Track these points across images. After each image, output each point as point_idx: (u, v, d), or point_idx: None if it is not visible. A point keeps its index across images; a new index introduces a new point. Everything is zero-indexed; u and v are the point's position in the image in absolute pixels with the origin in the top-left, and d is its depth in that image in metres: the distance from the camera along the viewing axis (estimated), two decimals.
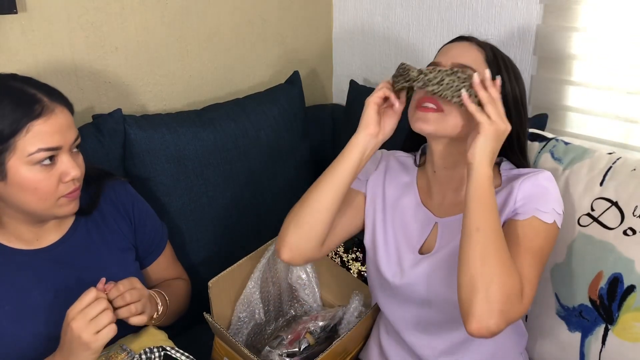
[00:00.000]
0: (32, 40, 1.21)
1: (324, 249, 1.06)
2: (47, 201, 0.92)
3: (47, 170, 0.91)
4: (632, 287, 1.02)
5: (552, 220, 0.94)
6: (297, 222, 1.02)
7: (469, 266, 0.86)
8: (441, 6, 1.54)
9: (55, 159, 0.91)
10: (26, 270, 0.97)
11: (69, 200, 0.94)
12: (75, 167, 0.93)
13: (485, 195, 0.89)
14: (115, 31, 1.32)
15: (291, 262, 1.04)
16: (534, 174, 0.97)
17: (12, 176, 0.89)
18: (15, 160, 0.88)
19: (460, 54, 0.99)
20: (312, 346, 1.15)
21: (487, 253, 0.85)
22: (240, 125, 1.41)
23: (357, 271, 1.42)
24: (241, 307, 1.18)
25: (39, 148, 0.88)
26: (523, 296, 0.86)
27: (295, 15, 1.70)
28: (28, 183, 0.89)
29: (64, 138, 0.91)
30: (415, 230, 1.06)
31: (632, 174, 1.06)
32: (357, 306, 1.19)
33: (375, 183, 1.12)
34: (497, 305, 0.83)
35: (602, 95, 1.35)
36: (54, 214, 0.95)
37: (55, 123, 0.90)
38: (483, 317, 0.83)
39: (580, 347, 1.08)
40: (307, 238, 1.02)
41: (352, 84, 1.64)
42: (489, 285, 0.83)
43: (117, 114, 1.27)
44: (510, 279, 0.84)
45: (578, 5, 1.32)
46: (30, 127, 0.88)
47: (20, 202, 0.92)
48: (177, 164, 1.31)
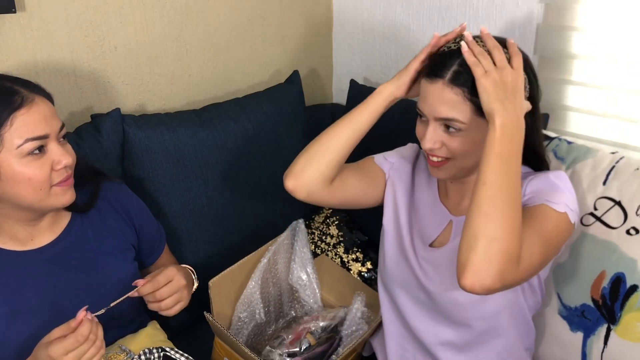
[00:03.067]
0: (30, 40, 1.20)
1: (329, 191, 1.06)
2: (41, 191, 0.91)
3: (38, 159, 0.90)
4: (635, 287, 1.01)
5: (564, 210, 0.91)
6: (308, 154, 1.05)
7: (472, 220, 0.83)
8: (442, 5, 1.54)
9: (45, 149, 0.91)
10: (21, 272, 0.96)
11: (63, 189, 0.94)
12: (65, 154, 0.92)
13: (496, 147, 0.84)
14: (114, 30, 1.32)
15: (294, 190, 1.05)
16: (545, 173, 0.97)
17: (3, 170, 0.88)
18: (4, 154, 0.88)
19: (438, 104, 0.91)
20: (313, 346, 1.14)
21: (491, 209, 0.82)
22: (240, 125, 1.40)
23: (357, 272, 1.42)
24: (241, 307, 1.18)
25: (26, 139, 0.88)
26: (520, 264, 0.83)
27: (295, 15, 1.69)
28: (21, 175, 0.89)
29: (49, 126, 0.91)
30: (430, 225, 1.06)
31: (636, 174, 1.06)
32: (359, 307, 1.19)
33: (401, 170, 1.12)
34: (496, 264, 0.80)
35: (603, 94, 1.34)
36: (51, 205, 0.94)
37: (38, 112, 0.90)
38: (479, 273, 0.80)
39: (582, 347, 1.08)
40: (314, 171, 1.03)
41: (352, 84, 1.64)
42: (490, 242, 0.81)
43: (115, 114, 1.26)
44: (513, 240, 0.81)
45: (579, 5, 1.31)
46: (14, 119, 0.87)
47: (15, 196, 0.91)
48: (176, 163, 1.30)
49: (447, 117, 0.91)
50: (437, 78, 0.91)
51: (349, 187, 1.09)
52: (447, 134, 0.93)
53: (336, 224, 1.50)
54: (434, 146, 0.94)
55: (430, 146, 0.94)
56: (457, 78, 0.90)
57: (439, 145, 0.94)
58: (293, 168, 1.05)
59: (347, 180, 1.08)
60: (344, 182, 1.07)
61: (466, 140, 0.92)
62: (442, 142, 0.94)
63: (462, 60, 0.90)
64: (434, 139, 0.93)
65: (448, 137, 0.93)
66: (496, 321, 1.01)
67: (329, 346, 1.16)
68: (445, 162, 0.96)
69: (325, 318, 1.19)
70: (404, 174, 1.12)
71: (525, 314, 1.04)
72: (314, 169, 1.03)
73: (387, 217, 1.12)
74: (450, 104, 0.90)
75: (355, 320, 1.18)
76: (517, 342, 1.05)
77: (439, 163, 0.96)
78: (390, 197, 1.12)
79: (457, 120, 0.90)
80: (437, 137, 0.93)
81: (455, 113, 0.90)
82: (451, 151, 0.94)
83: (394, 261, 1.10)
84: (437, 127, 0.93)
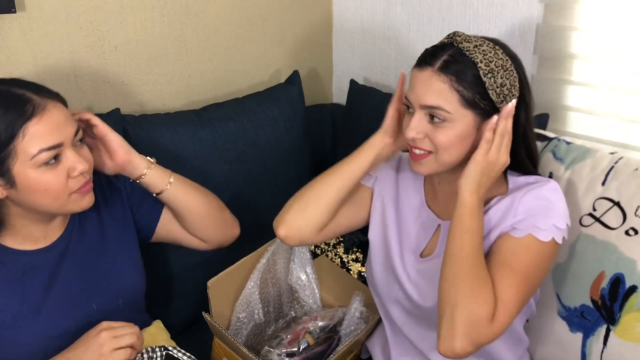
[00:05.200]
0: (30, 40, 1.20)
1: (321, 235, 1.07)
2: (59, 199, 0.91)
3: (54, 169, 0.89)
4: (634, 288, 1.01)
5: (550, 237, 0.92)
6: (300, 204, 1.04)
7: (440, 288, 0.89)
8: (442, 5, 1.53)
9: (60, 157, 0.90)
10: (34, 272, 0.97)
11: (82, 194, 0.94)
12: (81, 161, 0.91)
13: (466, 222, 0.90)
14: (114, 30, 1.32)
15: (285, 239, 1.05)
16: (539, 186, 0.96)
17: (20, 181, 0.88)
18: (20, 165, 0.87)
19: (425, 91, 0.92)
20: (312, 346, 1.15)
21: (456, 278, 0.87)
22: (240, 125, 1.40)
23: (357, 272, 1.42)
24: (240, 307, 1.18)
25: (40, 149, 0.87)
26: (494, 320, 0.85)
27: (295, 15, 1.69)
28: (37, 185, 0.88)
29: (63, 134, 0.89)
30: (418, 233, 1.05)
31: (635, 174, 1.06)
32: (358, 307, 1.19)
33: (386, 179, 1.12)
34: (460, 329, 0.84)
35: (602, 94, 1.34)
36: (70, 210, 0.95)
37: (50, 120, 0.88)
38: (448, 339, 0.85)
39: (582, 348, 1.08)
40: (307, 221, 1.03)
41: (352, 84, 1.64)
42: (454, 309, 0.86)
43: (115, 114, 1.26)
44: (477, 304, 0.85)
45: (578, 5, 1.31)
46: (26, 129, 0.86)
47: (33, 204, 0.91)
48: (176, 163, 1.29)
49: (432, 105, 0.91)
50: (426, 66, 0.92)
51: (342, 222, 1.09)
52: (432, 124, 0.93)
53: None
54: (417, 136, 0.94)
55: (414, 135, 0.94)
56: (446, 67, 0.90)
57: (422, 136, 0.94)
58: (285, 217, 1.04)
59: (339, 218, 1.08)
60: (336, 220, 1.07)
61: (450, 133, 0.92)
62: (425, 133, 0.94)
63: (453, 51, 0.91)
64: (417, 129, 0.93)
65: (432, 129, 0.93)
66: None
67: (328, 346, 1.16)
68: (426, 156, 0.95)
69: (323, 318, 1.19)
70: (389, 183, 1.11)
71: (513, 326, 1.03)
72: (306, 219, 1.04)
73: (373, 232, 1.11)
74: (437, 92, 0.91)
75: (354, 320, 1.18)
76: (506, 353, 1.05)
77: (420, 156, 0.96)
78: (378, 210, 1.11)
79: (442, 109, 0.91)
80: (422, 127, 0.93)
81: (441, 101, 0.91)
82: (434, 143, 0.93)
83: (382, 276, 1.09)
84: (422, 117, 0.94)
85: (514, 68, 0.93)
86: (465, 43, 0.91)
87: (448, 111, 0.91)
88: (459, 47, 0.91)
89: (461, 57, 0.90)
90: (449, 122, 0.91)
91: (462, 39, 0.92)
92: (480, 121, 0.93)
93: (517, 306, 0.89)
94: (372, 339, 1.20)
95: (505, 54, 0.92)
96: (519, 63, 0.95)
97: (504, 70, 0.91)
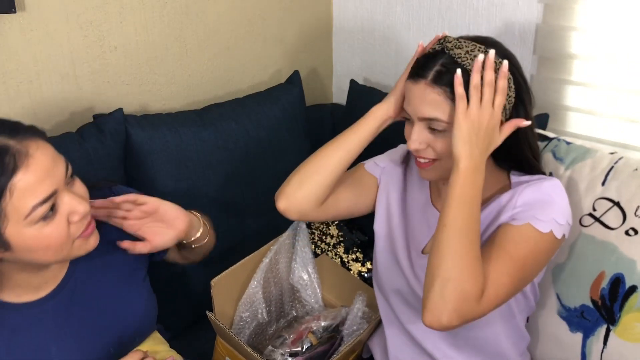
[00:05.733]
0: (31, 40, 1.20)
1: (321, 211, 1.06)
2: (63, 250, 0.81)
3: (51, 221, 0.77)
4: (634, 288, 1.02)
5: (548, 229, 0.92)
6: (300, 176, 1.04)
7: (430, 260, 0.87)
8: (441, 5, 1.54)
9: (56, 205, 0.78)
10: (40, 325, 0.88)
11: (86, 239, 0.83)
12: (80, 202, 0.80)
13: (458, 190, 0.87)
14: (114, 30, 1.32)
15: (285, 211, 1.04)
16: (540, 181, 0.96)
17: (16, 243, 0.76)
18: (12, 227, 0.75)
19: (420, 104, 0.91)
20: (315, 346, 1.15)
21: (448, 250, 0.85)
22: (241, 125, 1.40)
23: (357, 272, 1.42)
24: (243, 307, 1.18)
25: (33, 206, 0.74)
26: (482, 298, 0.85)
27: (295, 15, 1.69)
28: (37, 243, 0.77)
29: (55, 179, 0.77)
30: (422, 230, 1.06)
31: (634, 174, 1.06)
32: (360, 307, 1.19)
33: (393, 172, 1.12)
34: (451, 304, 0.83)
35: (602, 94, 1.35)
36: (75, 256, 0.85)
37: (38, 168, 0.75)
38: (435, 312, 0.84)
39: (582, 348, 1.08)
40: (306, 192, 1.03)
41: (352, 84, 1.64)
42: (445, 282, 0.84)
43: (118, 114, 1.26)
44: (469, 279, 0.84)
45: (578, 5, 1.31)
46: (12, 187, 0.73)
47: (35, 261, 0.81)
48: (178, 164, 1.30)
49: (429, 117, 0.91)
50: (419, 79, 0.92)
51: (342, 202, 1.09)
52: (432, 134, 0.93)
53: (336, 224, 1.50)
54: (420, 147, 0.94)
55: (416, 147, 0.94)
56: (439, 78, 0.90)
57: (424, 146, 0.94)
58: (285, 189, 1.04)
59: (340, 195, 1.08)
60: (336, 197, 1.07)
61: (450, 141, 0.91)
62: (427, 142, 0.94)
63: (444, 60, 0.91)
64: (419, 140, 0.94)
65: (433, 138, 0.93)
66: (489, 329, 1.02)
67: (331, 346, 1.16)
68: (431, 163, 0.96)
69: (326, 318, 1.19)
70: (396, 176, 1.12)
71: (516, 321, 1.05)
72: (306, 191, 1.03)
73: (379, 223, 1.11)
74: (432, 103, 0.91)
75: (357, 320, 1.19)
76: (510, 347, 1.06)
77: (425, 164, 0.97)
78: (383, 202, 1.11)
79: (440, 120, 0.91)
80: (422, 137, 0.94)
81: (438, 113, 0.90)
82: (436, 152, 0.94)
83: (386, 267, 1.09)
84: (422, 128, 0.94)
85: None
86: (457, 50, 0.90)
87: (446, 121, 0.91)
88: (450, 54, 0.90)
89: (453, 65, 0.90)
90: (448, 130, 0.91)
91: (452, 45, 0.91)
92: None
93: (507, 291, 0.89)
94: (374, 339, 1.20)
95: (498, 56, 0.91)
96: (512, 62, 0.93)
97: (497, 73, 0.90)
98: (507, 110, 0.93)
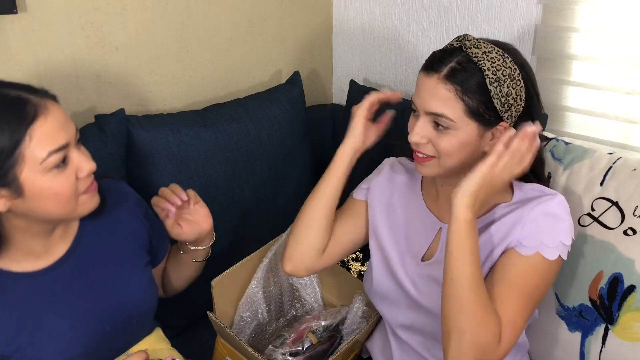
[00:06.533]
0: (32, 41, 1.21)
1: (325, 258, 1.08)
2: (70, 203, 0.86)
3: (63, 171, 0.84)
4: (632, 287, 1.02)
5: (557, 255, 0.92)
6: (294, 236, 1.07)
7: (445, 313, 0.88)
8: (441, 6, 1.54)
9: (67, 159, 0.85)
10: (39, 294, 0.92)
11: (89, 195, 0.90)
12: (88, 161, 0.88)
13: (462, 242, 0.87)
14: (115, 31, 1.32)
15: (293, 273, 1.09)
16: (547, 200, 0.94)
17: (29, 189, 0.82)
18: (28, 171, 0.81)
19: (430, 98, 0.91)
20: (315, 345, 1.15)
21: (460, 304, 0.86)
22: (242, 126, 1.41)
23: (358, 271, 1.43)
24: (244, 306, 1.19)
25: (49, 151, 0.81)
26: (501, 341, 0.86)
27: (295, 15, 1.70)
28: (47, 191, 0.83)
29: (68, 133, 0.85)
30: (419, 237, 1.05)
31: (633, 174, 1.07)
32: (360, 306, 1.20)
33: (378, 187, 1.12)
34: (469, 355, 0.85)
35: (601, 95, 1.35)
36: (79, 214, 0.91)
37: (54, 119, 0.83)
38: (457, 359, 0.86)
39: (581, 347, 1.09)
40: (304, 250, 1.06)
41: (352, 84, 1.64)
42: (461, 335, 0.85)
43: (120, 114, 1.27)
44: (483, 330, 0.85)
45: (577, 6, 1.32)
46: (32, 132, 0.80)
47: (42, 212, 0.85)
48: (179, 164, 1.31)
49: (437, 112, 0.91)
50: (433, 72, 0.91)
51: (343, 238, 1.10)
52: (436, 131, 0.93)
53: None
54: (421, 141, 0.94)
55: (417, 140, 0.94)
56: (452, 75, 0.89)
57: (425, 141, 0.94)
58: (285, 253, 1.08)
59: (338, 233, 1.09)
60: (335, 237, 1.09)
61: (453, 140, 0.92)
62: (429, 138, 0.94)
63: (460, 58, 0.90)
64: (421, 133, 0.94)
65: (436, 135, 0.93)
66: None
67: (331, 345, 1.17)
68: (429, 159, 0.96)
69: (326, 317, 1.20)
70: (379, 189, 1.11)
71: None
72: (303, 248, 1.07)
73: (371, 240, 1.12)
74: (442, 99, 0.90)
75: (356, 319, 1.19)
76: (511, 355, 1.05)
77: (423, 159, 0.96)
78: (374, 220, 1.11)
79: (447, 117, 0.90)
80: (425, 132, 0.94)
81: (446, 109, 0.90)
82: (437, 149, 0.94)
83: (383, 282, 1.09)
84: (426, 122, 0.93)
85: (521, 78, 0.91)
86: (474, 49, 0.90)
87: (452, 119, 0.90)
88: (468, 52, 0.90)
89: (469, 64, 0.89)
90: (452, 129, 0.91)
91: (471, 44, 0.91)
92: (484, 130, 0.93)
93: (522, 324, 0.90)
94: (372, 341, 1.20)
95: (514, 63, 0.91)
96: (527, 72, 0.93)
97: (511, 80, 0.90)
98: (513, 117, 0.93)
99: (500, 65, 0.90)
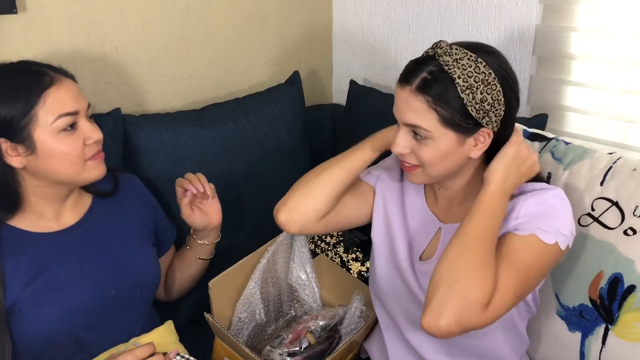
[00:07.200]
0: (32, 40, 1.21)
1: (321, 224, 1.06)
2: (76, 165, 0.97)
3: (71, 135, 0.96)
4: (633, 287, 1.02)
5: (553, 241, 0.91)
6: (305, 189, 1.04)
7: (441, 263, 0.86)
8: (441, 6, 1.54)
9: (76, 125, 0.97)
10: (50, 251, 1.01)
11: (96, 162, 1.01)
12: (95, 130, 0.99)
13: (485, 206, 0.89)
14: (115, 31, 1.32)
15: (286, 224, 1.03)
16: (543, 191, 0.95)
17: (40, 147, 0.94)
18: (40, 131, 0.93)
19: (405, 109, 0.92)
20: (313, 345, 1.15)
21: (462, 254, 0.85)
22: (240, 125, 1.41)
23: (358, 271, 1.43)
24: (242, 307, 1.18)
25: (59, 114, 0.94)
26: (488, 307, 0.83)
27: (295, 15, 1.70)
28: (56, 150, 0.95)
29: (78, 103, 0.97)
30: (421, 236, 1.05)
31: (633, 174, 1.06)
32: (358, 305, 1.19)
33: (388, 179, 1.12)
34: (452, 306, 0.80)
35: (601, 95, 1.35)
36: (85, 179, 1.00)
37: (67, 89, 0.96)
38: (435, 314, 0.81)
39: (581, 347, 1.08)
40: (309, 206, 1.03)
41: (352, 84, 1.64)
42: (452, 283, 0.82)
43: (116, 114, 1.27)
44: (477, 286, 0.82)
45: (577, 6, 1.32)
46: (46, 97, 0.93)
47: (51, 171, 0.96)
48: (175, 163, 1.31)
49: (413, 124, 0.92)
50: (406, 84, 0.91)
51: (342, 212, 1.08)
52: (416, 141, 0.94)
53: None
54: (404, 151, 0.95)
55: (400, 151, 0.95)
56: (423, 86, 0.89)
57: (408, 151, 0.95)
58: (287, 202, 1.03)
59: (340, 208, 1.07)
60: (337, 211, 1.07)
61: (432, 150, 0.92)
62: (410, 148, 0.95)
63: (432, 68, 0.90)
64: (403, 144, 0.95)
65: (417, 144, 0.94)
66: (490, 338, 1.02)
67: (329, 345, 1.17)
68: (415, 168, 0.97)
69: (324, 317, 1.19)
70: (392, 184, 1.11)
71: (518, 328, 1.04)
72: (308, 205, 1.02)
73: (377, 232, 1.10)
74: (416, 111, 0.90)
75: (354, 319, 1.19)
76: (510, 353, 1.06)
77: (410, 168, 0.98)
78: (380, 210, 1.11)
79: (422, 128, 0.91)
80: (407, 142, 0.94)
81: (420, 120, 0.91)
82: (419, 159, 0.95)
83: (385, 275, 1.08)
84: (406, 133, 0.94)
85: (497, 82, 0.90)
86: (446, 57, 0.89)
87: (428, 130, 0.91)
88: (439, 61, 0.89)
89: (440, 73, 0.89)
90: (430, 139, 0.92)
91: (442, 52, 0.90)
92: (464, 137, 0.92)
93: (512, 300, 0.88)
94: (370, 341, 1.20)
95: (490, 67, 0.89)
96: (505, 74, 0.91)
97: (485, 85, 0.89)
98: (494, 122, 0.92)
99: (472, 71, 0.88)
